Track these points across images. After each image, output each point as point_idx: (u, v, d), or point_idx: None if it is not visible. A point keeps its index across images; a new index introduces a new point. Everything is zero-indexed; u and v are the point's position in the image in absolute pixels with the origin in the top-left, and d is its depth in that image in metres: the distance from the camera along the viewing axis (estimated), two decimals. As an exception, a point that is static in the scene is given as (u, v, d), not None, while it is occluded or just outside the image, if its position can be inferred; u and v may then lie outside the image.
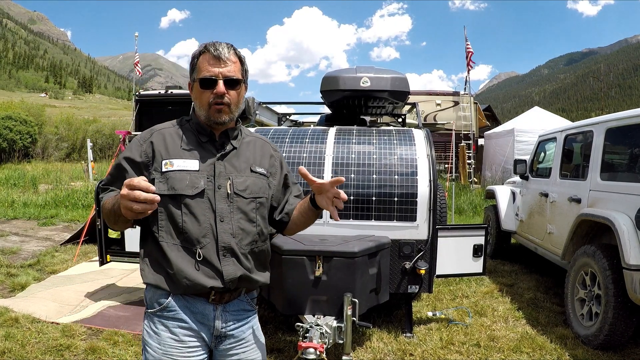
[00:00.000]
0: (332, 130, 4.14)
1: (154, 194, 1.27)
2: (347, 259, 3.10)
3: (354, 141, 3.94)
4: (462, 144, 14.98)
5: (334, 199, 1.49)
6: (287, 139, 3.99)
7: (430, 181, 3.61)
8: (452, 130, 15.07)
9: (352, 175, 3.69)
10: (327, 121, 5.34)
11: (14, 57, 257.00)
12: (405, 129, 4.30)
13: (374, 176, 3.67)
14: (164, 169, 1.50)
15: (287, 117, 6.41)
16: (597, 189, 3.88)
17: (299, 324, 2.79)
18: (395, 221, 3.60)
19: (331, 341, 2.81)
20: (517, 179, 6.16)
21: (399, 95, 4.49)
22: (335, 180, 1.46)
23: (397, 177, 3.65)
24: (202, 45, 1.56)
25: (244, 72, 1.59)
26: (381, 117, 6.05)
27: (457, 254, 3.91)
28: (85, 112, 62.45)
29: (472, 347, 3.54)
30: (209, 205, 1.51)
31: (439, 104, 16.33)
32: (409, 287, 3.65)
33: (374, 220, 3.62)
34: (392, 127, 4.61)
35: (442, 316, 4.13)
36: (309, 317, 2.97)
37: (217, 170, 1.53)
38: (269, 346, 3.31)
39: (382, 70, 4.52)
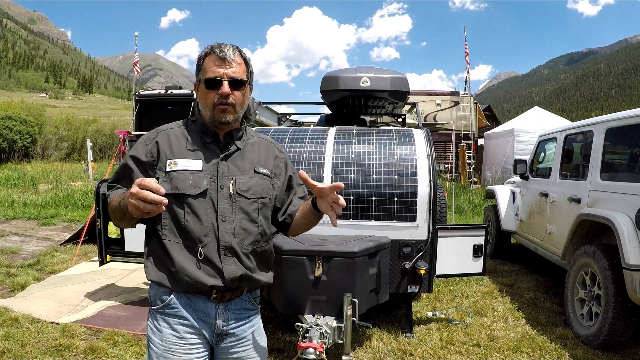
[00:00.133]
0: (332, 130, 4.14)
1: (162, 197, 1.29)
2: (347, 259, 3.10)
3: (354, 141, 3.93)
4: (462, 144, 14.98)
5: (333, 204, 1.50)
6: (287, 139, 3.99)
7: (430, 181, 3.61)
8: (452, 130, 15.07)
9: (352, 175, 3.68)
10: (327, 121, 5.33)
11: (14, 57, 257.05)
12: (405, 129, 4.29)
13: (374, 176, 3.67)
14: (168, 169, 1.53)
15: (287, 117, 6.41)
16: (597, 189, 3.88)
17: (299, 324, 2.79)
18: (395, 221, 3.60)
19: (331, 341, 2.81)
20: (517, 179, 6.16)
21: (399, 95, 4.48)
22: (334, 185, 1.46)
23: (397, 177, 3.64)
24: (208, 46, 1.58)
25: (249, 73, 1.62)
26: (381, 117, 6.05)
27: (457, 254, 3.91)
28: (85, 112, 62.44)
29: (472, 347, 3.54)
30: (211, 205, 1.53)
31: (439, 104, 16.33)
32: (409, 287, 3.64)
33: (373, 220, 3.62)
34: (392, 127, 4.61)
35: (442, 316, 4.13)
36: (308, 317, 2.96)
37: (220, 170, 1.55)
38: (269, 346, 3.31)
39: (382, 70, 4.51)
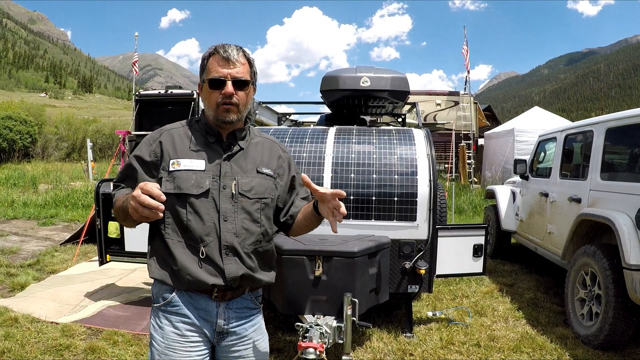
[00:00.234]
0: (332, 130, 4.13)
1: (160, 204, 1.32)
2: (347, 258, 3.10)
3: (354, 141, 3.93)
4: (462, 144, 14.98)
5: (334, 210, 1.50)
6: (287, 139, 3.98)
7: (430, 181, 3.61)
8: (452, 130, 15.07)
9: (352, 175, 3.68)
10: (327, 121, 5.33)
11: (14, 57, 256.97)
12: (405, 128, 4.29)
13: (374, 176, 3.66)
14: (171, 168, 1.54)
15: (287, 117, 6.41)
16: (597, 188, 3.88)
17: (299, 323, 2.79)
18: (395, 221, 3.60)
19: (331, 341, 2.80)
20: (517, 178, 6.15)
21: (399, 95, 4.48)
22: (336, 192, 1.47)
23: (397, 176, 3.64)
24: (212, 47, 1.59)
25: (253, 73, 1.62)
26: (381, 116, 6.05)
27: (457, 254, 3.90)
28: (85, 112, 62.43)
29: (472, 347, 3.54)
30: (213, 204, 1.54)
31: (439, 104, 16.33)
32: (409, 287, 3.64)
33: (374, 220, 3.62)
34: (392, 127, 4.60)
35: (442, 316, 4.13)
36: (308, 317, 2.96)
37: (222, 170, 1.57)
38: (269, 346, 3.31)
39: (382, 70, 4.51)
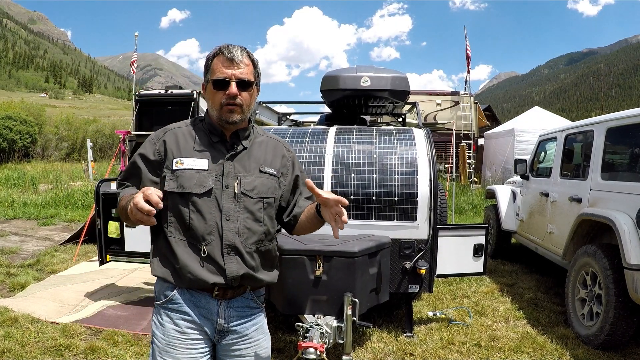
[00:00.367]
0: (332, 129, 4.13)
1: (152, 208, 1.33)
2: (347, 258, 3.09)
3: (354, 141, 3.93)
4: (462, 144, 14.98)
5: (336, 216, 1.50)
6: (287, 139, 3.98)
7: (430, 181, 3.60)
8: (452, 130, 15.07)
9: (353, 174, 3.68)
10: (327, 120, 5.33)
11: (14, 57, 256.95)
12: (405, 128, 4.29)
13: (374, 176, 3.66)
14: (175, 167, 1.56)
15: (287, 116, 6.40)
16: (598, 188, 3.88)
17: (299, 323, 2.79)
18: (395, 221, 3.59)
19: (331, 341, 2.80)
20: (517, 178, 6.15)
21: (399, 94, 4.48)
22: (338, 199, 1.47)
23: (397, 176, 3.64)
24: (216, 47, 1.60)
25: (257, 74, 1.63)
26: (381, 116, 6.04)
27: (457, 254, 3.90)
28: (85, 112, 62.43)
29: (473, 347, 3.54)
30: (215, 203, 1.55)
31: (439, 104, 16.33)
32: (410, 286, 3.64)
33: (374, 219, 3.61)
34: (392, 127, 4.60)
35: (443, 316, 4.13)
36: (309, 317, 2.96)
37: (225, 170, 1.58)
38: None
39: (382, 69, 4.51)
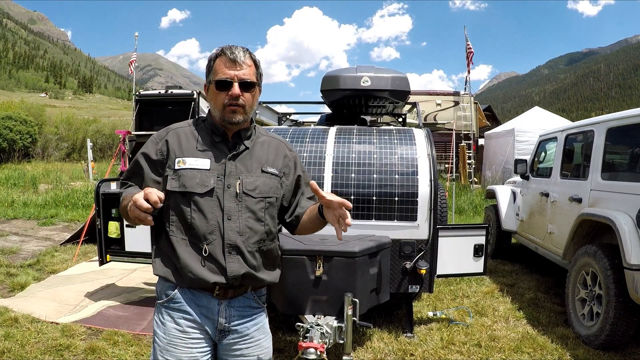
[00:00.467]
0: (333, 129, 4.13)
1: (149, 206, 1.36)
2: (347, 258, 3.09)
3: (355, 141, 3.93)
4: (462, 144, 14.98)
5: (339, 218, 1.50)
6: (288, 139, 3.98)
7: (430, 181, 3.60)
8: (452, 130, 15.06)
9: (353, 174, 3.68)
10: (328, 121, 5.33)
11: (14, 57, 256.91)
12: (405, 128, 4.29)
13: (375, 176, 3.66)
14: (177, 167, 1.57)
15: (287, 116, 6.40)
16: (598, 188, 3.87)
17: (300, 324, 2.79)
18: (395, 221, 3.59)
19: (332, 341, 2.80)
20: (517, 178, 6.15)
21: (400, 94, 4.48)
22: (342, 202, 1.47)
23: (397, 176, 3.64)
24: (219, 48, 1.61)
25: (259, 75, 1.64)
26: (381, 116, 6.04)
27: (457, 254, 3.90)
28: (85, 112, 62.44)
29: (473, 347, 3.54)
30: (217, 203, 1.56)
31: (439, 104, 16.32)
32: (410, 287, 3.64)
33: (374, 220, 3.61)
34: (392, 127, 4.60)
35: (443, 316, 4.12)
36: (309, 317, 2.96)
37: (227, 169, 1.58)
38: (269, 346, 3.31)
39: (382, 69, 4.51)
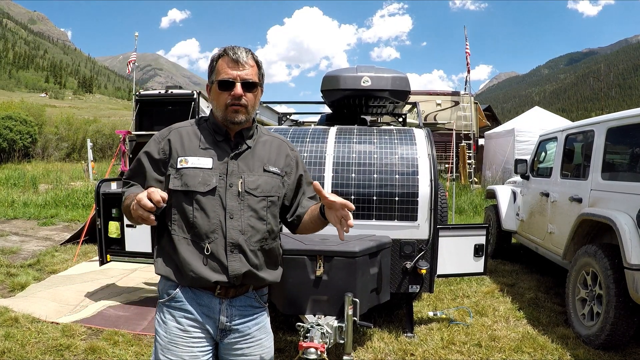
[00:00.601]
0: (333, 129, 4.13)
1: (153, 205, 1.35)
2: (347, 258, 3.09)
3: (355, 140, 3.93)
4: (462, 144, 14.98)
5: (341, 219, 1.50)
6: (288, 139, 3.97)
7: (431, 181, 3.60)
8: (452, 130, 15.07)
9: (353, 174, 3.68)
10: (328, 120, 5.33)
11: (14, 57, 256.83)
12: (406, 128, 4.29)
13: (375, 176, 3.66)
14: (179, 166, 1.57)
15: (288, 116, 6.40)
16: (598, 188, 3.87)
17: (300, 323, 2.78)
18: (396, 221, 3.59)
19: (332, 341, 2.80)
20: (517, 178, 6.15)
21: (400, 94, 4.48)
22: (345, 203, 1.47)
23: (398, 176, 3.64)
24: (221, 49, 1.62)
25: (261, 76, 1.65)
26: (382, 116, 6.04)
27: (458, 254, 3.90)
28: (85, 112, 62.46)
29: (473, 347, 3.54)
30: (219, 202, 1.56)
31: (439, 104, 16.32)
32: (410, 286, 3.64)
33: (374, 219, 3.61)
34: (392, 127, 4.60)
35: (443, 316, 4.13)
36: (309, 317, 2.95)
37: (229, 168, 1.59)
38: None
39: (382, 69, 4.50)
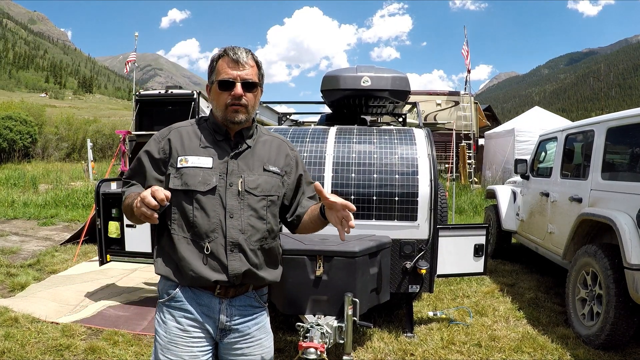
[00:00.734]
0: (333, 129, 4.13)
1: (157, 203, 1.34)
2: (347, 258, 3.09)
3: (355, 140, 3.93)
4: (462, 144, 14.98)
5: (342, 220, 1.49)
6: (288, 139, 3.97)
7: (431, 181, 3.60)
8: (452, 130, 15.07)
9: (353, 174, 3.68)
10: (328, 120, 5.33)
11: (14, 57, 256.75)
12: (406, 128, 4.28)
13: (375, 175, 3.66)
14: (179, 165, 1.57)
15: (288, 116, 6.40)
16: (598, 188, 3.87)
17: (300, 323, 2.78)
18: (396, 221, 3.59)
19: (332, 341, 2.80)
20: (517, 178, 6.15)
21: (400, 94, 4.48)
22: (346, 204, 1.47)
23: (397, 176, 3.64)
24: (221, 49, 1.62)
25: (261, 76, 1.66)
26: (382, 116, 6.04)
27: (458, 254, 3.90)
28: (85, 112, 62.47)
29: (473, 347, 3.54)
30: (219, 201, 1.56)
31: (439, 104, 16.33)
32: (410, 286, 3.64)
33: (374, 219, 3.61)
34: (392, 127, 4.60)
35: (443, 316, 4.13)
36: (309, 317, 2.95)
37: (229, 168, 1.59)
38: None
39: (382, 69, 4.51)
